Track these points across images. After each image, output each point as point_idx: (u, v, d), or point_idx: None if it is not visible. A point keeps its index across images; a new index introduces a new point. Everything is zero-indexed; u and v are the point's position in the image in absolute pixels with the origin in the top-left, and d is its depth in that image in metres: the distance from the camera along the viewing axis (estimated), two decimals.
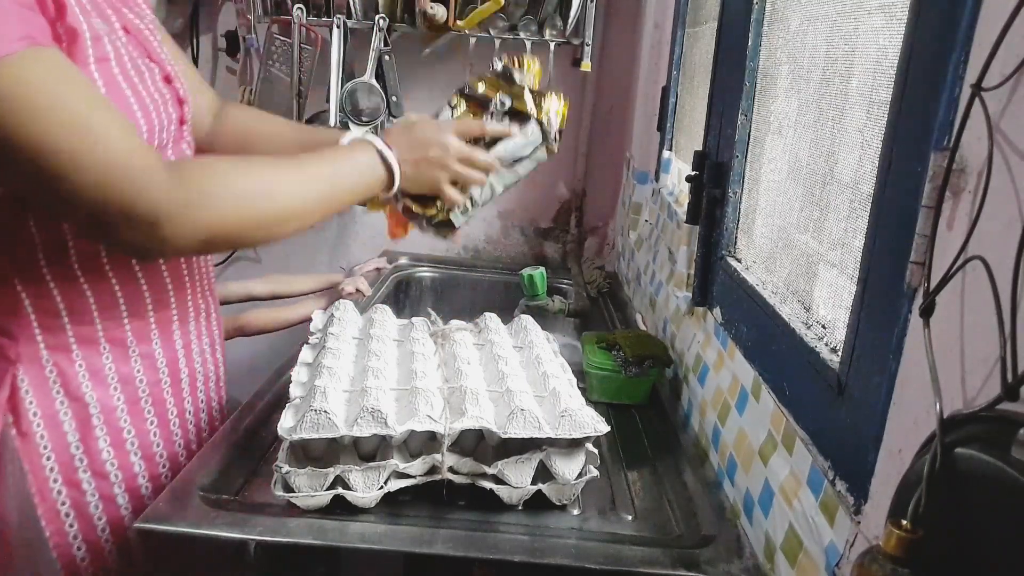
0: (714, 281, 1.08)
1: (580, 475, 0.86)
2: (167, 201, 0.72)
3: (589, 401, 0.96)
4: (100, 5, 0.81)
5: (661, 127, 1.61)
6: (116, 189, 0.70)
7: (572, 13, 1.73)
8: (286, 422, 0.83)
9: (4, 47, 0.64)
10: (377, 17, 1.69)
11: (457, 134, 0.99)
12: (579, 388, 0.97)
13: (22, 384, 0.83)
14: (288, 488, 0.82)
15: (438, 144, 0.97)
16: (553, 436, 0.84)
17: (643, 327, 1.51)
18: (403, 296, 1.92)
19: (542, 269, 1.60)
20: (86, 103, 0.69)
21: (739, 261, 1.01)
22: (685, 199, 1.18)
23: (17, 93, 0.64)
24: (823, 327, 0.76)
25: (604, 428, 0.85)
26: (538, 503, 0.86)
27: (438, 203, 1.02)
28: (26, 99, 0.65)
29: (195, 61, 1.93)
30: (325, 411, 0.81)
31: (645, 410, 1.17)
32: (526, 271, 1.60)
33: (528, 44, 1.76)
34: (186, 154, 0.95)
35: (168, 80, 0.90)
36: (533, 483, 0.85)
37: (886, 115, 0.61)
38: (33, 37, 0.66)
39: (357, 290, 1.65)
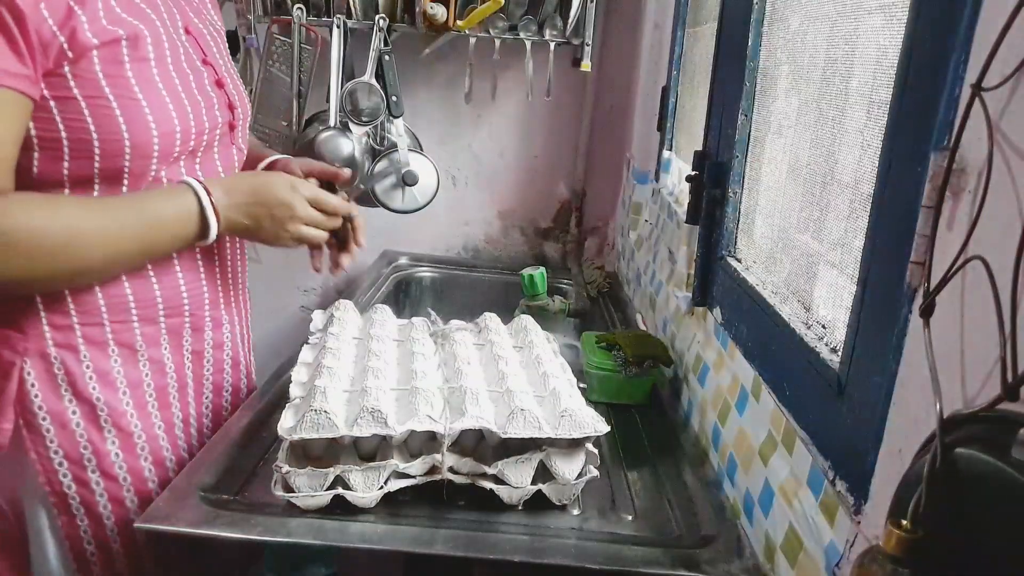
0: (714, 281, 1.08)
1: (580, 475, 0.86)
2: None
3: (589, 401, 0.96)
4: (160, 7, 0.84)
5: (661, 127, 1.61)
6: None
7: (572, 13, 1.73)
8: (286, 422, 0.83)
9: None
10: (377, 17, 1.69)
11: (310, 200, 0.95)
12: (579, 388, 0.97)
13: (28, 378, 0.83)
14: (288, 488, 0.82)
15: (285, 204, 0.92)
16: (553, 436, 0.84)
17: (643, 327, 1.51)
18: (403, 296, 1.92)
19: (542, 269, 1.60)
20: None
21: (739, 261, 1.01)
22: (685, 199, 1.18)
23: None
24: (823, 327, 0.76)
25: (604, 428, 0.85)
26: (538, 503, 0.86)
27: None
28: None
29: None
30: (325, 411, 0.81)
31: (645, 410, 1.17)
32: (526, 271, 1.59)
33: (528, 44, 1.76)
34: (234, 158, 0.97)
35: (220, 84, 0.92)
36: (533, 483, 0.85)
37: (886, 115, 0.61)
38: None
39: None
